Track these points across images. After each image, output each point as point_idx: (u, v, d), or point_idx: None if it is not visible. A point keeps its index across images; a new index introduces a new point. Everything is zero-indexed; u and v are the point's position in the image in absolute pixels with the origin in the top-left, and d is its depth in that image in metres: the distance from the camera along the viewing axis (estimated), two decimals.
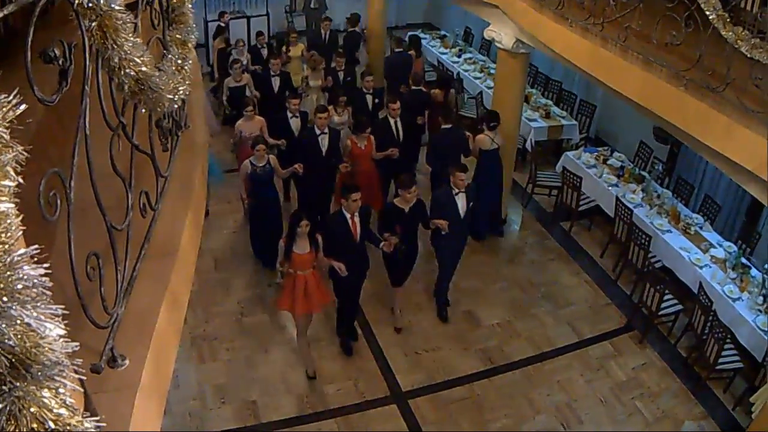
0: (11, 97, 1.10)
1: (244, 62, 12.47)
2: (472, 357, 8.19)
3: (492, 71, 13.12)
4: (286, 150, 9.88)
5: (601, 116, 12.83)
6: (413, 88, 11.30)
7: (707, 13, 4.99)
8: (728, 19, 4.93)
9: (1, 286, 0.97)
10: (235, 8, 16.49)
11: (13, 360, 0.98)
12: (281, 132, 9.98)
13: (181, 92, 2.73)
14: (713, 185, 10.18)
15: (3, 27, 3.16)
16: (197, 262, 3.39)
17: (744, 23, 4.99)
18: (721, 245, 8.77)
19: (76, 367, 1.10)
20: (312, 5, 16.97)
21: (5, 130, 1.08)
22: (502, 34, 9.08)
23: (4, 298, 0.98)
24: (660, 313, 8.27)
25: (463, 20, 16.33)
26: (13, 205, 1.08)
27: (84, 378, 1.21)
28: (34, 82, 1.41)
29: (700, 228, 9.12)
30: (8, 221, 1.03)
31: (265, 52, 13.32)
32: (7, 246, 1.01)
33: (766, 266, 7.95)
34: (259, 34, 13.90)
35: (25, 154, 1.11)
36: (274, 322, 8.54)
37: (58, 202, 1.58)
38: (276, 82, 11.63)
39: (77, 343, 1.06)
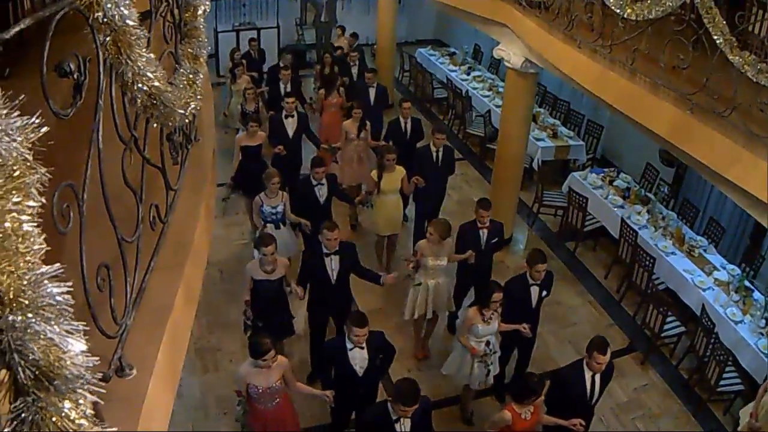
0: (34, 119, 1.13)
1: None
2: None
3: (500, 90, 13.20)
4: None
5: (608, 137, 12.83)
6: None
7: (714, 36, 5.02)
8: (735, 44, 4.97)
9: (27, 303, 1.01)
10: (245, 20, 16.63)
11: (37, 373, 1.02)
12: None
13: (192, 107, 2.78)
14: (718, 208, 10.18)
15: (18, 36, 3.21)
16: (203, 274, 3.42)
17: (751, 47, 5.02)
18: (724, 268, 8.76)
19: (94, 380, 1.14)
20: (322, 19, 17.10)
21: (28, 152, 1.11)
22: (511, 53, 9.11)
23: (29, 314, 1.02)
24: (662, 334, 8.26)
25: (473, 38, 16.41)
26: (36, 225, 1.11)
27: (99, 389, 1.25)
28: (49, 95, 1.45)
29: (704, 250, 9.11)
30: (31, 240, 1.07)
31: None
32: (31, 264, 1.05)
33: None
34: (252, 40, 14.17)
35: (48, 175, 1.15)
36: None
37: (71, 214, 1.61)
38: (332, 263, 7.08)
39: (98, 358, 1.10)
